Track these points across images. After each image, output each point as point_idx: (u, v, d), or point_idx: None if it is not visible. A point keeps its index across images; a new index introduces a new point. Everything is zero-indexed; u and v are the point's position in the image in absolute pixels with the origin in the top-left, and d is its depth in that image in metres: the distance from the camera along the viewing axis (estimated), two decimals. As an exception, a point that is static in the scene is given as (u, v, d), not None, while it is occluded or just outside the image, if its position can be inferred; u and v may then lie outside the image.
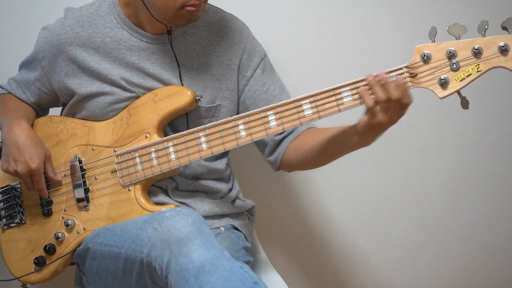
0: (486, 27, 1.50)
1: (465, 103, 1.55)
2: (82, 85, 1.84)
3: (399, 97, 1.56)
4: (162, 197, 1.84)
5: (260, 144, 1.91)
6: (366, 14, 2.31)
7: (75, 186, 1.83)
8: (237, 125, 1.71)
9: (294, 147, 1.85)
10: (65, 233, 1.83)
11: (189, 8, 1.70)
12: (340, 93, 1.63)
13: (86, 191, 1.83)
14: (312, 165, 1.88)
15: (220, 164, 1.90)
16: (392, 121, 1.60)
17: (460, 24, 1.53)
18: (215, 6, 1.93)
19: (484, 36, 1.51)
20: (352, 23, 2.31)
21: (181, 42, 1.85)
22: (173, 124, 1.84)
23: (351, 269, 2.50)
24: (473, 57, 1.52)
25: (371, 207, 2.46)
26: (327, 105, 1.64)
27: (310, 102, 1.64)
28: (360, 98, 1.61)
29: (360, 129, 1.63)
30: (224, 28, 1.90)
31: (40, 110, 2.00)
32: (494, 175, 2.49)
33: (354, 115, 1.65)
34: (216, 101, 1.87)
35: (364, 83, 1.61)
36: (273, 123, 1.68)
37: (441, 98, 1.57)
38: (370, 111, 1.59)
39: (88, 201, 1.82)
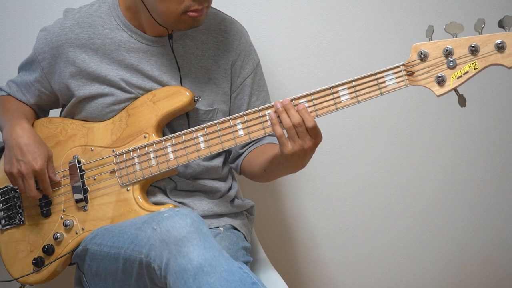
0: (483, 25, 1.50)
1: (462, 101, 1.55)
2: (81, 87, 1.84)
3: (298, 121, 1.60)
4: (160, 197, 1.84)
5: (228, 150, 1.95)
6: (365, 14, 2.32)
7: (74, 187, 1.83)
8: (235, 125, 1.71)
9: (248, 160, 1.91)
10: (64, 233, 1.83)
11: (191, 13, 1.70)
12: (337, 91, 1.63)
13: (85, 191, 1.83)
14: (261, 179, 1.92)
15: (217, 162, 1.91)
16: (304, 148, 1.63)
17: (457, 22, 1.53)
18: (215, 8, 1.93)
19: (481, 34, 1.51)
20: (351, 23, 2.32)
21: (181, 45, 1.85)
22: (173, 126, 1.85)
23: (351, 269, 2.50)
24: (470, 54, 1.52)
25: (371, 207, 2.46)
26: (325, 104, 1.64)
27: (308, 101, 1.64)
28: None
29: (281, 159, 1.68)
30: (223, 32, 1.90)
31: (40, 111, 2.00)
32: (494, 175, 2.48)
33: (352, 115, 1.65)
34: (214, 105, 1.87)
35: (273, 109, 1.66)
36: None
37: (438, 96, 1.57)
38: (279, 141, 1.64)
39: (86, 202, 1.82)
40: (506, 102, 2.45)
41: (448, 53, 1.53)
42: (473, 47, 1.51)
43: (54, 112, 2.01)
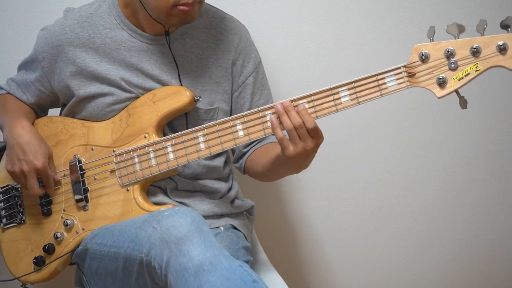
0: (485, 26, 1.49)
1: (463, 103, 1.54)
2: (81, 87, 1.84)
3: (299, 123, 1.61)
4: (161, 197, 1.84)
5: (232, 149, 1.96)
6: (365, 14, 2.31)
7: (74, 186, 1.83)
8: (235, 125, 1.71)
9: (252, 160, 1.92)
10: (64, 233, 1.83)
11: (181, 7, 1.69)
12: (338, 92, 1.63)
13: (85, 191, 1.83)
14: (265, 179, 1.93)
15: (218, 162, 1.91)
16: (306, 149, 1.63)
17: (458, 23, 1.52)
18: (215, 7, 1.93)
19: (483, 35, 1.50)
20: (351, 23, 2.32)
21: (181, 44, 1.85)
22: (173, 125, 1.85)
23: (351, 269, 2.50)
24: (471, 56, 1.51)
25: (371, 207, 2.46)
26: (325, 105, 1.64)
27: (308, 102, 1.64)
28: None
29: (283, 159, 1.69)
30: (223, 31, 1.90)
31: (40, 110, 2.00)
32: (494, 175, 2.48)
33: (352, 115, 1.65)
34: (215, 104, 1.87)
35: (273, 110, 1.66)
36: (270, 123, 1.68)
37: (439, 98, 1.56)
38: (280, 144, 1.65)
39: (87, 201, 1.82)
40: (506, 102, 2.45)
41: (449, 55, 1.53)
42: (474, 48, 1.50)
43: (54, 111, 2.01)
